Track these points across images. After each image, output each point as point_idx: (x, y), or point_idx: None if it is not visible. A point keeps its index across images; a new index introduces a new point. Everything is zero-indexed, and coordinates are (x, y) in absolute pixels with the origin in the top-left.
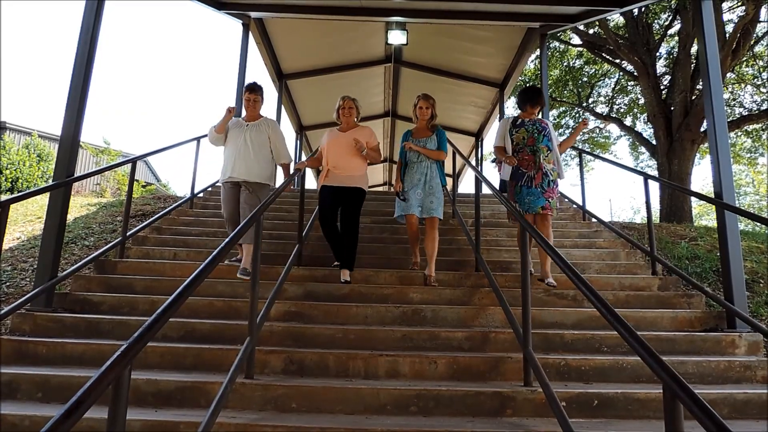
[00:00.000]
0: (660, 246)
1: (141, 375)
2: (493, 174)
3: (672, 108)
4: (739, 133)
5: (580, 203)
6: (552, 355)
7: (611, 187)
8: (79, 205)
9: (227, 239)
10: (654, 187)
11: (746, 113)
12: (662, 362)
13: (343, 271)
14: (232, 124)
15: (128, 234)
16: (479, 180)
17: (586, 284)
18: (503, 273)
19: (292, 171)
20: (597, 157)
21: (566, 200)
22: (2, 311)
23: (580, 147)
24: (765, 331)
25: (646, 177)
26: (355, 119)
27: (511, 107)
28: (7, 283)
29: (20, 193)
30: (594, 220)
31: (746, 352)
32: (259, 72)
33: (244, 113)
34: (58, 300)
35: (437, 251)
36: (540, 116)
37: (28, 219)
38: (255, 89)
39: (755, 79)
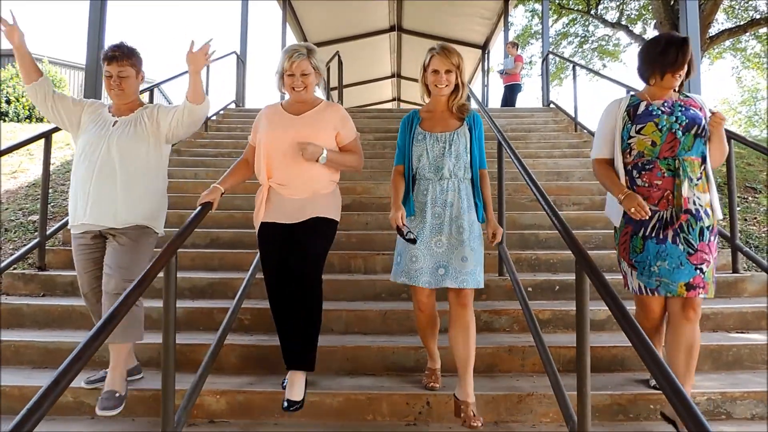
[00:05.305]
0: None
1: (178, 274)
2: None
3: (678, 15)
4: (749, 38)
5: (573, 115)
6: (527, 251)
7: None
8: None
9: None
10: None
11: (758, 17)
12: (576, 241)
13: (293, 375)
14: (91, 117)
15: None
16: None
17: (538, 187)
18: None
19: (199, 201)
20: (583, 67)
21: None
22: (55, 227)
23: (574, 60)
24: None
25: (629, 90)
26: (315, 90)
27: (519, 16)
28: (51, 203)
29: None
30: (585, 131)
31: None
32: None
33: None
34: None
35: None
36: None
37: (57, 146)
38: (117, 56)
39: None
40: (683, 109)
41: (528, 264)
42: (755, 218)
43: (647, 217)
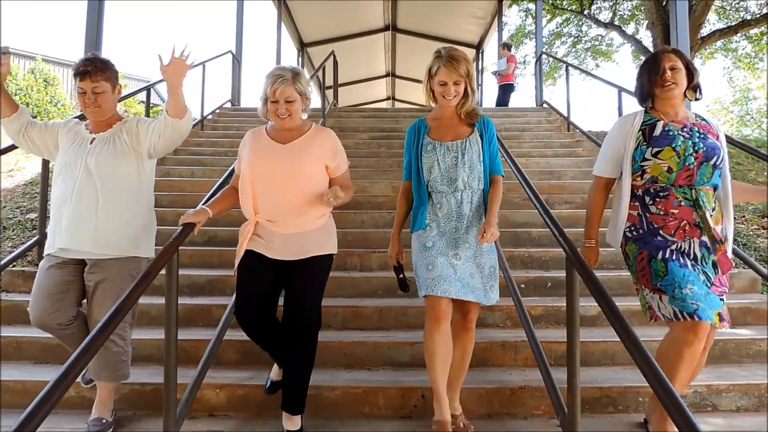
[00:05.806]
0: None
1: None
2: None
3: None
4: (740, 38)
5: (566, 114)
6: (519, 249)
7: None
8: None
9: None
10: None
11: (749, 17)
12: (567, 239)
13: (287, 418)
14: (68, 136)
15: None
16: None
17: (530, 186)
18: None
19: (182, 219)
20: (576, 68)
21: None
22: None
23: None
24: None
25: (620, 90)
26: (302, 115)
27: (513, 15)
28: (50, 202)
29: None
30: (577, 131)
31: None
32: None
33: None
34: None
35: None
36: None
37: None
38: (90, 71)
39: None
40: (701, 135)
41: (521, 261)
42: (743, 216)
43: (592, 264)
